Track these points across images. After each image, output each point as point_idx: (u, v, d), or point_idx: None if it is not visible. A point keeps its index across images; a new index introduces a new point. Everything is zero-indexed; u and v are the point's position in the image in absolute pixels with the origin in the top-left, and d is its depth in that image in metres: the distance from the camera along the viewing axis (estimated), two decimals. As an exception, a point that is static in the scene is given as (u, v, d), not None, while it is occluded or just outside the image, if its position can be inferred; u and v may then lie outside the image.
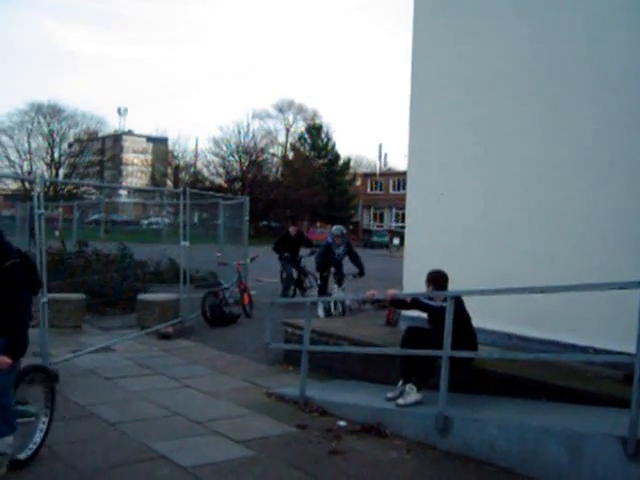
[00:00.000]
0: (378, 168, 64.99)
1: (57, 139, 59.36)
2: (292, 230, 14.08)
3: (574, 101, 6.50)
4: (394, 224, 55.23)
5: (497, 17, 7.26)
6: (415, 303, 6.08)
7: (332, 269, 11.69)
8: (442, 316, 5.27)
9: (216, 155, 57.09)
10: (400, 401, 5.62)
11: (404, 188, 9.01)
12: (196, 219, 19.54)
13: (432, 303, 5.89)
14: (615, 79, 6.19)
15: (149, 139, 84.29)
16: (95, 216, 33.45)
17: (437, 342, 5.23)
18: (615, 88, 6.18)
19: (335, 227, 12.07)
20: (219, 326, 10.73)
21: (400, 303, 6.49)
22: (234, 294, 11.86)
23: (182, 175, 57.17)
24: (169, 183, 55.82)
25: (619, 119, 6.16)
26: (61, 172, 59.18)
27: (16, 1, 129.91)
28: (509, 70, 7.06)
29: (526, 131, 6.90)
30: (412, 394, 5.59)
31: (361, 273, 11.64)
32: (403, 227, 8.65)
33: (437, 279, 5.93)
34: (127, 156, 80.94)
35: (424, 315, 6.13)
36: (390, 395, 5.80)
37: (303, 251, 14.13)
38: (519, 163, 6.96)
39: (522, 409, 5.31)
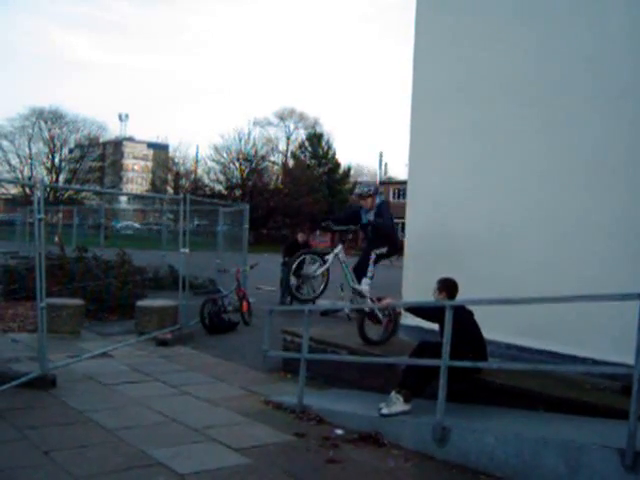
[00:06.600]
0: (378, 177, 64.96)
1: (58, 144, 59.63)
2: (300, 237, 14.47)
3: (575, 108, 6.51)
4: (394, 233, 55.10)
5: (498, 24, 7.28)
6: (431, 313, 5.81)
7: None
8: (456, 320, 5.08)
9: (217, 162, 57.29)
10: (384, 411, 5.47)
11: (404, 197, 9.01)
12: (196, 225, 19.53)
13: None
14: (617, 87, 6.20)
15: (150, 145, 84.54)
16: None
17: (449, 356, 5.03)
18: (616, 96, 6.20)
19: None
20: (217, 333, 10.71)
21: (419, 311, 6.09)
22: (233, 301, 11.85)
23: (182, 182, 57.22)
24: (169, 190, 55.86)
25: (620, 127, 6.16)
26: (61, 177, 59.32)
27: (19, 7, 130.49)
28: (510, 77, 7.08)
29: (527, 139, 6.91)
30: (398, 404, 5.46)
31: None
32: (403, 236, 8.62)
33: (450, 288, 5.88)
34: (128, 162, 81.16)
35: (422, 325, 6.09)
36: (382, 405, 5.57)
37: None
38: (520, 171, 6.96)
39: (520, 420, 5.29)
